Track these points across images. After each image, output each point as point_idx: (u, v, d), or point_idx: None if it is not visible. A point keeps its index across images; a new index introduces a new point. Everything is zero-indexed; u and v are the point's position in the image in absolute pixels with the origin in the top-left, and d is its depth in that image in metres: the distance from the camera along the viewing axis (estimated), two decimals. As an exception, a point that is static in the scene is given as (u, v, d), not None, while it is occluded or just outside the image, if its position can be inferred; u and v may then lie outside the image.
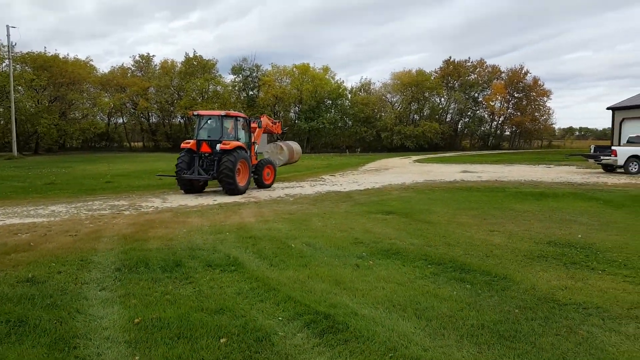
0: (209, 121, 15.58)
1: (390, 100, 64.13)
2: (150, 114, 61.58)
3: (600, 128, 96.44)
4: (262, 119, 18.04)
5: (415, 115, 63.56)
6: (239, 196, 14.84)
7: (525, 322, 4.52)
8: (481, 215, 10.69)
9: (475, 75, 66.69)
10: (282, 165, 20.03)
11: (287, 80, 59.61)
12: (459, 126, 68.30)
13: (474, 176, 21.54)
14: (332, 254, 7.20)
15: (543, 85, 68.98)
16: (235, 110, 56.45)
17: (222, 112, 15.40)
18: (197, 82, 55.06)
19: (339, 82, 60.05)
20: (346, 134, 60.12)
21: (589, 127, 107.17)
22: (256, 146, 17.25)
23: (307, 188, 17.28)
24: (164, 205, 12.89)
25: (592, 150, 24.38)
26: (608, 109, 34.43)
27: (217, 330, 4.39)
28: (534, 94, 68.70)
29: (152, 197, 14.47)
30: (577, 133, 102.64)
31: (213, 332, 4.37)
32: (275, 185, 18.02)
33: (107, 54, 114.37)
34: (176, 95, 59.15)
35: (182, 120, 61.88)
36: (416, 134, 56.83)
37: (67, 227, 9.54)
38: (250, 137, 16.61)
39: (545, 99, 69.21)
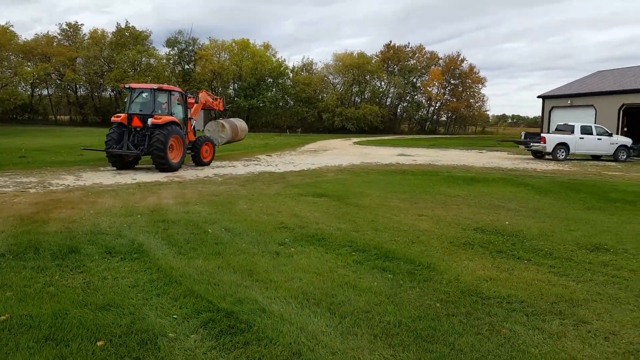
0: (141, 94, 15.26)
1: (332, 82, 64.23)
2: (77, 86, 58.08)
3: (532, 116, 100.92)
4: (200, 94, 17.73)
5: (356, 98, 63.98)
6: (162, 175, 14.09)
7: (446, 319, 4.18)
8: (412, 199, 10.60)
9: (415, 61, 67.93)
10: (225, 143, 19.81)
11: (226, 56, 58.17)
12: (398, 110, 69.61)
13: (409, 159, 21.76)
14: (251, 240, 6.68)
15: (478, 73, 71.78)
16: (169, 84, 54.23)
17: (155, 86, 15.11)
18: (129, 53, 52.32)
19: (280, 60, 59.35)
20: (287, 113, 59.60)
21: (521, 115, 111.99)
22: (193, 122, 16.90)
23: (240, 168, 16.74)
24: (77, 183, 11.88)
25: (522, 137, 25.02)
26: (539, 97, 35.61)
27: (97, 331, 3.76)
28: (469, 81, 70.80)
29: (66, 174, 13.36)
30: (509, 120, 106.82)
31: (91, 333, 3.73)
32: (189, 167, 17.24)
33: (35, 22, 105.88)
34: (106, 67, 56.12)
35: (112, 94, 59.01)
36: (357, 116, 57.18)
37: (-47, 207, 8.43)
38: (186, 113, 16.26)
39: (480, 86, 71.83)
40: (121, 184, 12.01)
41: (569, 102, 32.72)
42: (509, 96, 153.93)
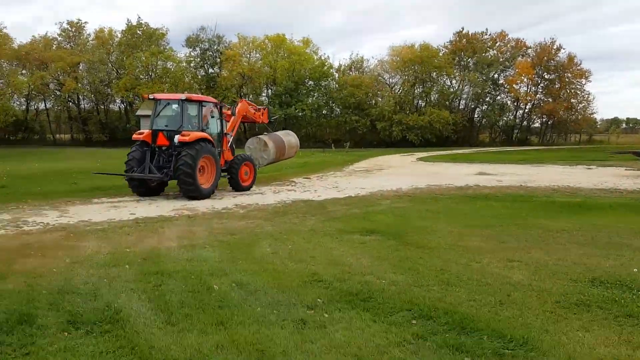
0: (167, 107, 15.97)
1: (388, 82, 64.08)
2: (80, 98, 60.05)
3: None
4: (239, 104, 18.60)
5: (420, 101, 63.71)
6: (169, 207, 13.96)
7: None
8: (498, 235, 10.07)
9: (495, 52, 66.91)
10: (268, 164, 20.43)
11: (258, 56, 59.11)
12: (476, 115, 68.57)
13: (492, 180, 21.26)
14: (270, 302, 6.07)
15: (580, 65, 69.34)
16: (191, 93, 55.23)
17: (183, 96, 15.72)
18: (141, 56, 53.76)
19: (323, 58, 59.67)
20: (332, 123, 59.50)
21: (639, 118, 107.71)
22: (230, 138, 17.59)
23: (268, 195, 16.61)
24: (59, 220, 11.73)
25: None
26: None
27: None
28: (569, 75, 69.12)
29: (49, 209, 13.32)
30: (623, 125, 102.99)
31: None
32: (225, 192, 17.51)
33: (36, 22, 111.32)
34: (114, 74, 57.86)
35: (121, 106, 60.62)
36: (421, 125, 56.56)
37: None
38: (222, 128, 16.88)
39: (583, 81, 69.66)
40: (115, 220, 11.81)
41: None
42: (620, 94, 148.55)
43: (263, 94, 59.09)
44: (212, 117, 16.48)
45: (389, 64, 62.07)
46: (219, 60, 58.31)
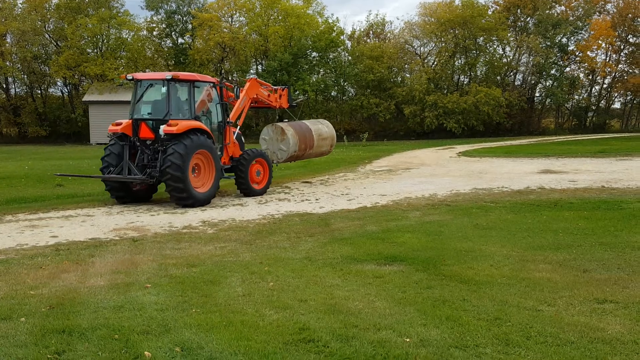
0: (150, 89, 16.68)
1: (419, 52, 63.55)
2: (9, 81, 59.60)
3: None
4: (247, 83, 19.28)
5: (462, 77, 63.17)
6: (108, 228, 13.32)
7: None
8: (577, 262, 9.52)
9: (563, 8, 65.97)
10: (287, 160, 21.21)
11: (242, 19, 58.67)
12: (537, 94, 67.81)
13: (562, 180, 20.94)
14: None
15: None
16: (154, 69, 55.33)
17: (168, 75, 16.20)
18: (87, 23, 53.39)
19: (331, 21, 58.99)
20: (345, 108, 58.80)
21: None
22: (236, 128, 18.42)
23: (252, 207, 16.35)
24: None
25: None
26: None
27: None
28: None
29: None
30: None
31: None
32: (229, 198, 18.04)
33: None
34: (53, 47, 57.42)
35: (64, 90, 60.15)
36: (464, 108, 55.77)
37: None
38: (223, 115, 17.58)
39: None
40: (27, 247, 11.27)
41: None
42: None
43: (251, 71, 58.10)
44: (209, 101, 17.15)
45: (420, 28, 60.87)
46: (190, 26, 57.92)
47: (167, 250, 10.76)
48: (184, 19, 58.27)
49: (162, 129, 15.38)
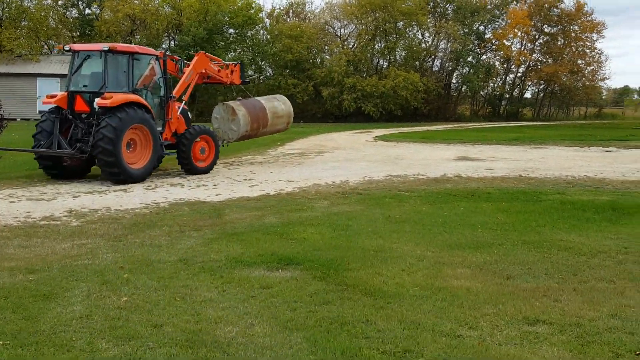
0: (87, 61, 16.57)
1: (339, 33, 63.10)
2: None
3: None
4: (196, 57, 19.17)
5: (381, 60, 63.04)
6: None
7: None
8: (500, 265, 8.54)
9: None
10: (239, 139, 20.91)
11: None
12: (454, 80, 68.60)
13: (479, 168, 20.55)
14: None
15: (591, 15, 69.39)
16: (64, 40, 53.26)
17: (105, 46, 16.20)
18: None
19: None
20: (262, 88, 57.22)
21: None
22: (181, 103, 18.29)
23: (137, 192, 14.82)
24: None
25: None
26: None
27: None
28: (575, 28, 69.49)
29: None
30: (635, 96, 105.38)
31: None
32: (168, 177, 17.50)
33: None
34: None
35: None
36: (382, 92, 55.56)
37: None
38: (166, 89, 17.46)
39: (594, 36, 69.75)
40: None
41: None
42: (629, 57, 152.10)
43: (163, 45, 56.23)
44: (152, 75, 17.27)
45: (341, 9, 60.58)
46: None
47: (10, 249, 9.13)
48: (91, -11, 55.93)
49: (96, 101, 15.20)
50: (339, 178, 17.45)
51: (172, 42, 56.83)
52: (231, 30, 56.82)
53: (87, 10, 56.59)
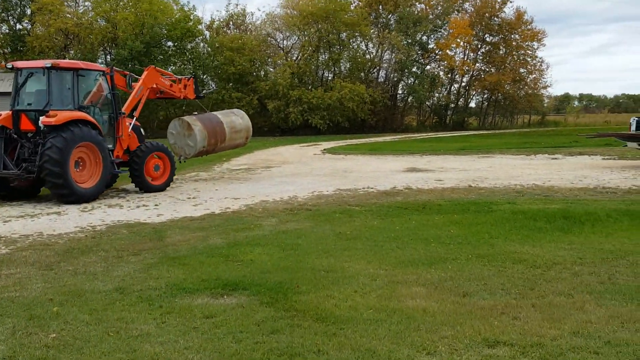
0: (31, 78, 16.31)
1: (282, 45, 62.89)
2: None
3: (611, 95, 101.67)
4: (146, 72, 19.00)
5: (326, 72, 62.95)
6: None
7: None
8: (454, 281, 8.23)
9: (423, 6, 66.99)
10: (195, 156, 20.65)
11: (88, 4, 56.03)
12: (399, 91, 68.72)
13: (429, 179, 20.47)
14: None
15: (531, 24, 70.48)
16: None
17: (48, 62, 15.98)
18: None
19: (188, 10, 57.13)
20: (206, 103, 56.66)
21: (594, 94, 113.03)
22: (132, 119, 18.18)
23: (72, 215, 14.23)
24: None
25: (632, 127, 23.84)
26: None
27: None
28: (517, 37, 70.42)
29: None
30: (575, 102, 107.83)
31: None
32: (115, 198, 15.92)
33: None
34: None
35: None
36: (328, 104, 55.41)
37: None
38: (115, 106, 17.22)
39: (535, 45, 70.83)
40: None
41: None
42: (570, 64, 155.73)
43: (99, 60, 55.32)
44: (101, 92, 17.06)
45: (283, 20, 60.07)
46: (29, 10, 54.36)
47: None
48: (22, 2, 54.89)
49: (41, 120, 15.05)
50: (287, 194, 17.13)
51: (108, 57, 56.00)
52: (170, 43, 56.18)
53: (18, 26, 55.50)
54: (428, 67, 68.00)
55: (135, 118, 18.21)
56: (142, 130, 18.74)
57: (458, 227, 11.93)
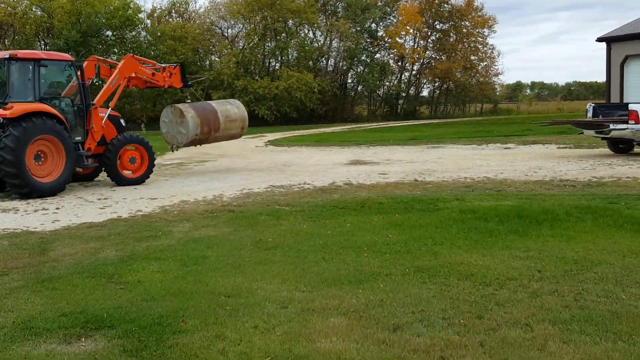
0: None
1: (226, 34, 62.65)
2: None
3: (562, 83, 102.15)
4: (123, 60, 18.98)
5: (272, 61, 62.94)
6: None
7: None
8: (383, 308, 6.83)
9: None
10: (188, 144, 20.73)
11: None
12: (349, 80, 69.02)
13: (372, 173, 19.66)
14: None
15: (482, 10, 71.13)
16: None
17: (5, 53, 16.06)
18: None
19: None
20: (146, 95, 55.10)
21: (545, 82, 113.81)
22: (107, 110, 18.06)
23: None
24: None
25: (589, 115, 23.67)
26: (600, 40, 34.96)
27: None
28: (467, 24, 70.98)
29: None
30: (527, 91, 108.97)
31: None
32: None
33: None
34: None
35: None
36: (275, 94, 55.25)
37: None
38: (83, 97, 17.11)
39: (486, 32, 71.63)
40: None
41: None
42: (521, 53, 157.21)
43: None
44: (65, 81, 17.30)
45: (227, 8, 59.84)
46: None
47: None
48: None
49: None
50: (213, 192, 15.96)
51: (45, 46, 54.54)
52: (109, 33, 55.30)
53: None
54: (378, 55, 68.58)
55: (110, 108, 18.03)
56: (122, 121, 18.69)
57: (398, 230, 10.70)
